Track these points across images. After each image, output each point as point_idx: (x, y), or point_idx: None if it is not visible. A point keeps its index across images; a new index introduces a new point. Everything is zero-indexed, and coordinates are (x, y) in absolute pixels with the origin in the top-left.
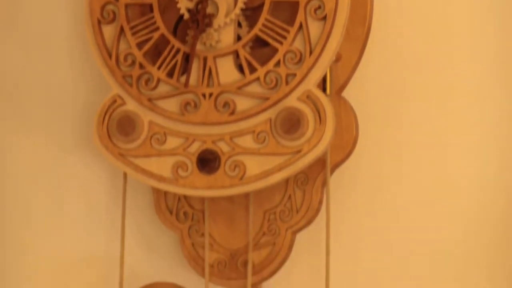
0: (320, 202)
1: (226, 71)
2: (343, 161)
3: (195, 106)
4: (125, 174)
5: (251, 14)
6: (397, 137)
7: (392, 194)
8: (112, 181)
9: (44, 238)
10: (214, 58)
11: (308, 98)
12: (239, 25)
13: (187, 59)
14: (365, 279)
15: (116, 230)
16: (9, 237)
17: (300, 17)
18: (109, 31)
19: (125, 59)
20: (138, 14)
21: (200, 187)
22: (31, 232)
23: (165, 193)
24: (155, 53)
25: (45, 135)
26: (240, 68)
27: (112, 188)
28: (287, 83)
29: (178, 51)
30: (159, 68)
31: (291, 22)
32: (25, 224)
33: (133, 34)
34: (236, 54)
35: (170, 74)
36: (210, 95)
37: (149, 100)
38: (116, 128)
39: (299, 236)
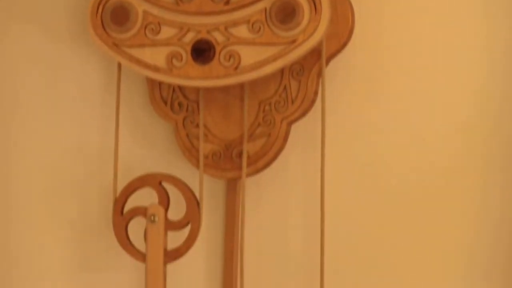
0: (316, 93)
1: None
2: (338, 51)
3: None
4: (119, 65)
5: None
6: (393, 27)
7: (388, 84)
8: (106, 72)
9: (37, 131)
10: None
11: None
12: None
13: None
14: (360, 171)
15: (110, 122)
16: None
17: None
18: None
19: None
20: None
21: (194, 77)
22: (23, 124)
23: (160, 83)
24: None
25: (39, 25)
26: None
27: (106, 79)
28: None
29: None
30: None
31: None
32: (16, 114)
33: None
34: None
35: None
36: None
37: None
38: (110, 17)
39: (294, 127)
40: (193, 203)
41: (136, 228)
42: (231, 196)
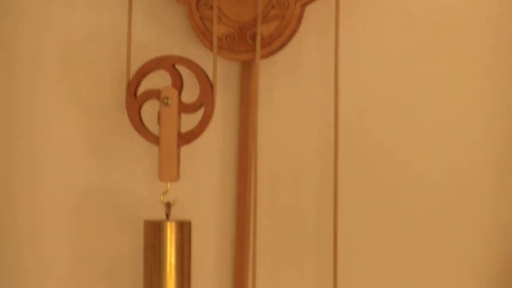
0: None
1: None
2: None
3: None
4: None
5: None
6: None
7: None
8: None
9: (50, 14)
10: None
11: None
12: None
13: None
14: (374, 53)
15: (123, 4)
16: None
17: None
18: None
19: None
20: None
21: None
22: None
23: None
24: None
25: None
26: None
27: None
28: None
29: None
30: None
31: None
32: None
33: None
34: None
35: None
36: None
37: None
38: None
39: (308, 10)
40: (207, 85)
41: (150, 112)
42: (245, 79)
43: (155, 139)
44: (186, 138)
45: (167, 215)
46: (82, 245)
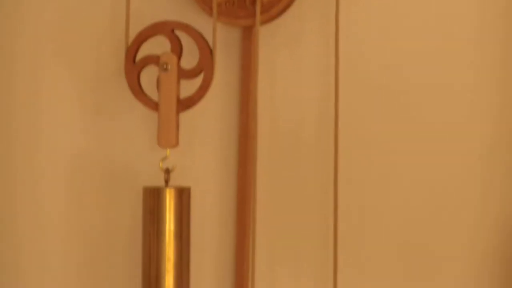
0: None
1: None
2: None
3: None
4: None
5: None
6: None
7: None
8: None
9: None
10: None
11: None
12: None
13: None
14: (374, 20)
15: None
16: None
17: None
18: None
19: None
20: None
21: None
22: None
23: None
24: None
25: None
26: None
27: None
28: None
29: None
30: None
31: None
32: None
33: None
34: None
35: None
36: None
37: None
38: None
39: None
40: (206, 51)
41: (149, 78)
42: (246, 45)
43: (154, 105)
44: (185, 104)
45: (166, 182)
46: (80, 212)
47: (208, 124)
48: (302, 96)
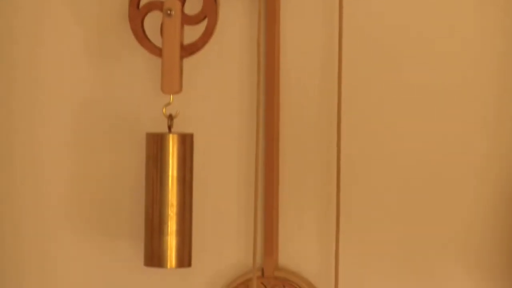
0: None
1: None
2: None
3: None
4: None
5: None
6: None
7: None
8: None
9: None
10: None
11: None
12: None
13: None
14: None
15: None
16: None
17: None
18: None
19: None
20: None
21: None
22: None
23: None
24: None
25: None
26: None
27: None
28: None
29: None
30: None
31: None
32: None
33: None
34: None
35: None
36: None
37: None
38: None
39: None
40: None
41: (152, 24)
42: None
43: (157, 51)
44: (189, 50)
45: (169, 128)
46: (83, 158)
47: (211, 70)
48: (306, 46)
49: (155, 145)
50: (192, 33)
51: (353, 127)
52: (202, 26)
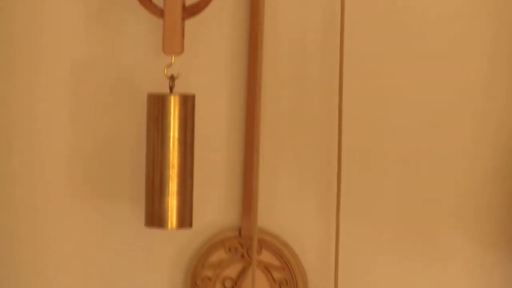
0: None
1: None
2: None
3: None
4: None
5: None
6: None
7: None
8: None
9: None
10: None
11: None
12: None
13: None
14: None
15: None
16: None
17: None
18: None
19: None
20: None
21: None
22: None
23: None
24: None
25: None
26: None
27: None
28: None
29: None
30: None
31: None
32: None
33: None
34: None
35: None
36: None
37: None
38: None
39: None
40: None
41: None
42: None
43: (159, 12)
44: (191, 11)
45: (171, 89)
46: (84, 119)
47: (214, 31)
48: (307, 7)
49: (157, 106)
50: None
51: (355, 88)
52: None
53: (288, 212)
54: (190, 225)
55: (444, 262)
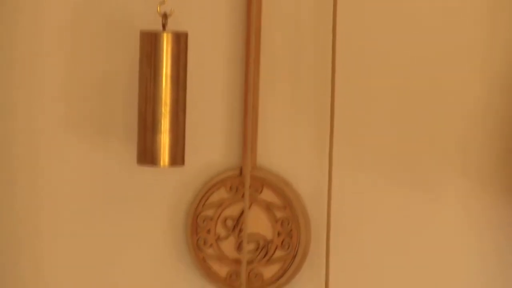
0: None
1: None
2: None
3: None
4: None
5: None
6: None
7: None
8: None
9: None
10: None
11: None
12: None
13: None
14: None
15: None
16: None
17: None
18: None
19: None
20: None
21: None
22: None
23: None
24: None
25: None
26: None
27: None
28: None
29: None
30: None
31: None
32: None
33: None
34: None
35: None
36: None
37: None
38: None
39: None
40: None
41: None
42: None
43: None
44: None
45: (164, 26)
46: (77, 56)
47: None
48: None
49: (149, 43)
50: None
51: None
52: None
53: (284, 146)
54: (182, 162)
55: (439, 196)
